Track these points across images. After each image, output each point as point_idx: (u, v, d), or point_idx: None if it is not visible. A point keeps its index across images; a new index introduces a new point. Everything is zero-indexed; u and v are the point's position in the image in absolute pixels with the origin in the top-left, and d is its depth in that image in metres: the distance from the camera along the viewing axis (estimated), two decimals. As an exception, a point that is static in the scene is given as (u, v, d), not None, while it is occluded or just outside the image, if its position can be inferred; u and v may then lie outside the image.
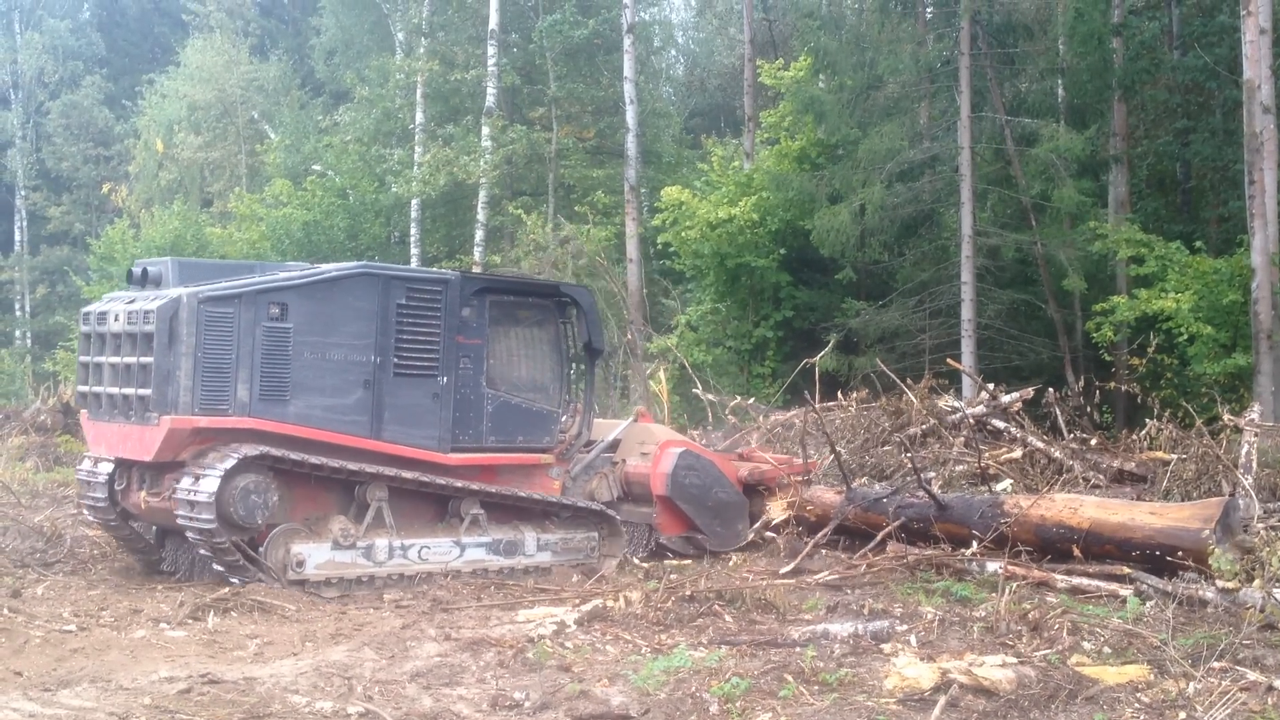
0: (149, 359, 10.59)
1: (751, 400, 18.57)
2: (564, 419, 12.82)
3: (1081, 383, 16.96)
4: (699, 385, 19.31)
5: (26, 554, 12.23)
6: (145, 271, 11.62)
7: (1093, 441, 14.27)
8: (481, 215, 28.11)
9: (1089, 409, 15.88)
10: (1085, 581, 10.13)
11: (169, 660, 8.13)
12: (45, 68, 45.60)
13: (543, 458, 12.50)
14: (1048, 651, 7.69)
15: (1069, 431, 14.80)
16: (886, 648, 8.08)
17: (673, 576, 11.20)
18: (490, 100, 28.45)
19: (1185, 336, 17.69)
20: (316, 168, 32.33)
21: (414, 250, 29.88)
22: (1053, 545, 10.80)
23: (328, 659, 8.07)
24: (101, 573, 11.73)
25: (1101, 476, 13.25)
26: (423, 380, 11.64)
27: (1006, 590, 9.43)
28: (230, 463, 10.36)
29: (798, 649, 8.05)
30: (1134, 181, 22.68)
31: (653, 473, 13.03)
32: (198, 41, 40.85)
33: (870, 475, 14.00)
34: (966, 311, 19.92)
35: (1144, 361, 17.47)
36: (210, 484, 10.26)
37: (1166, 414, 14.07)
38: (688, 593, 10.01)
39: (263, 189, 33.37)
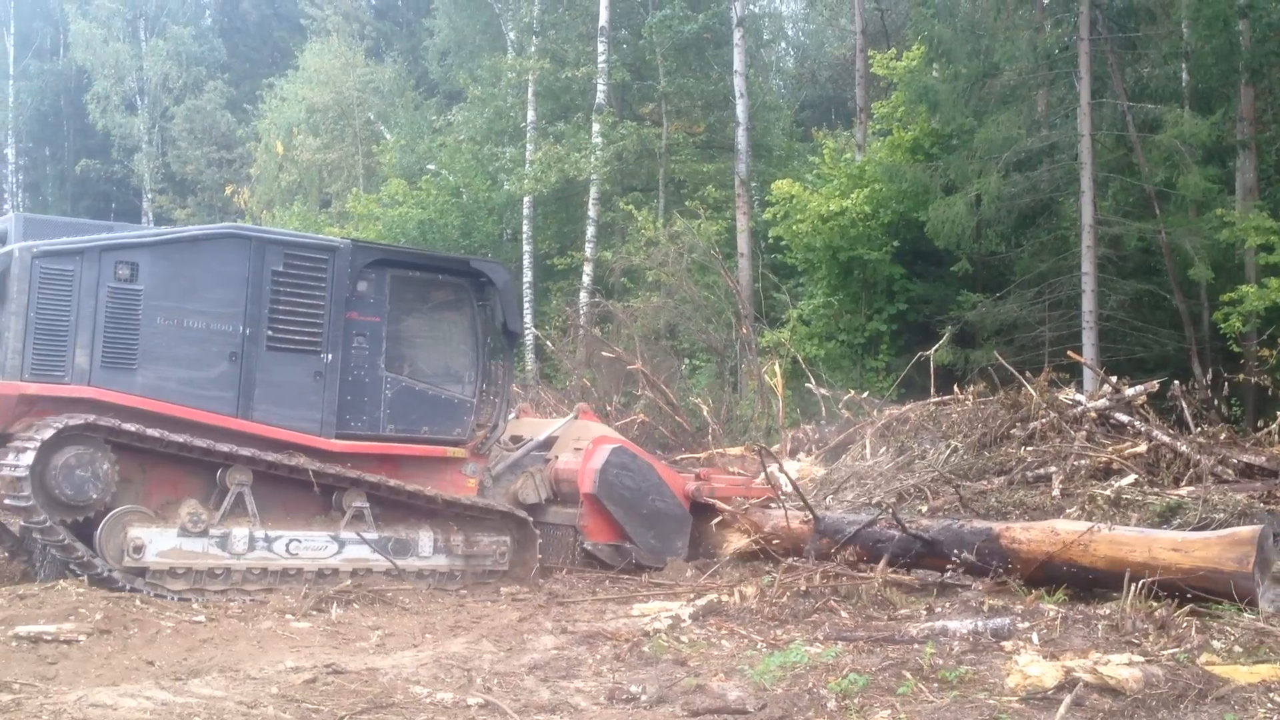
0: None
1: (865, 395, 18.36)
2: (483, 411, 11.70)
3: (1209, 375, 16.46)
4: (812, 380, 19.16)
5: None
6: None
7: (1221, 435, 13.85)
8: (593, 212, 28.24)
9: (1217, 402, 15.42)
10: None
11: (294, 651, 8.34)
12: (169, 74, 46.81)
13: (453, 451, 11.44)
14: (1175, 650, 7.46)
15: (1196, 425, 14.38)
16: (1008, 645, 7.92)
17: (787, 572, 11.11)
18: (601, 97, 28.56)
19: (1318, 326, 17.11)
20: (431, 167, 32.77)
21: (526, 247, 30.12)
22: (1064, 581, 9.78)
23: (447, 651, 8.21)
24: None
25: (1230, 471, 12.84)
26: (302, 356, 10.62)
27: (1131, 588, 9.19)
28: (49, 432, 9.40)
29: (916, 646, 7.94)
30: (1262, 167, 21.93)
31: (581, 468, 11.93)
32: (315, 45, 41.62)
33: (990, 474, 13.66)
34: (1088, 303, 19.46)
35: (1274, 353, 16.92)
36: (27, 456, 9.33)
37: (1299, 407, 13.63)
38: (803, 588, 9.95)
39: (379, 189, 33.93)
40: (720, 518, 12.49)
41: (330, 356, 10.75)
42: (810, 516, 11.71)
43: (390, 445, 11.15)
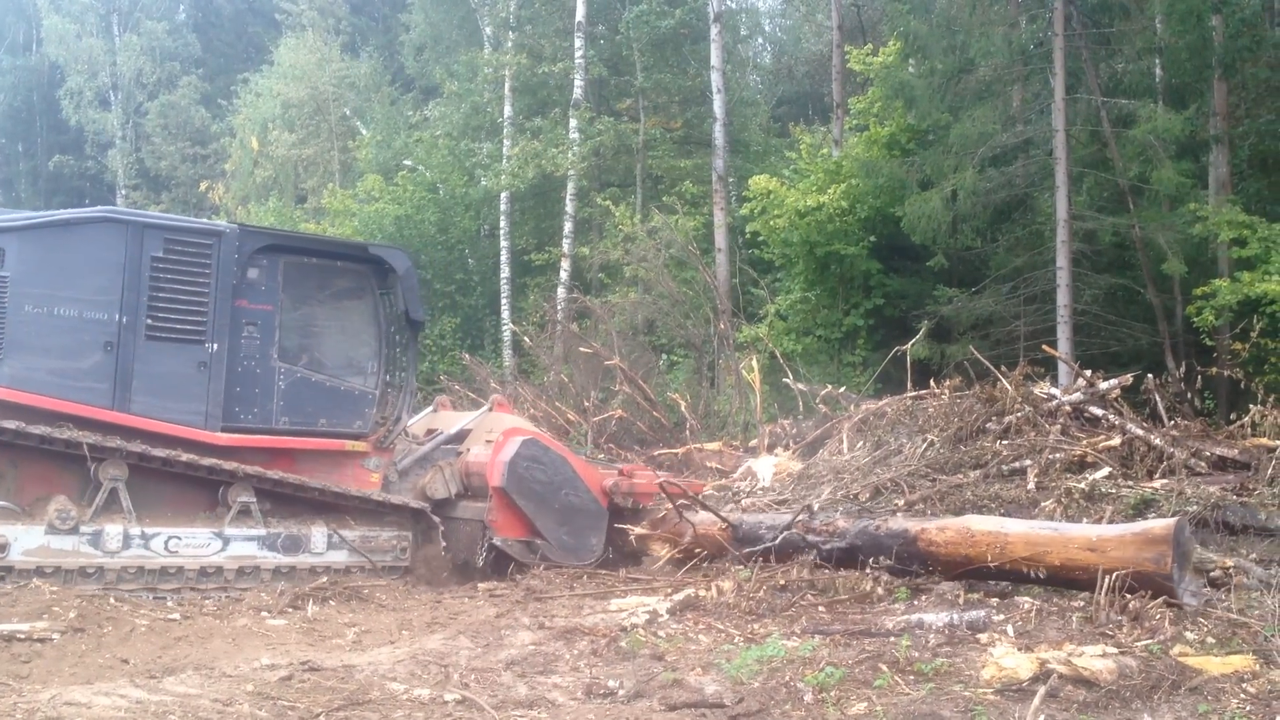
0: None
1: (842, 389, 18.41)
2: (386, 403, 11.34)
3: (1182, 368, 16.57)
4: (789, 375, 19.19)
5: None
6: None
7: (1195, 428, 13.94)
8: (570, 207, 28.21)
9: (1190, 395, 15.52)
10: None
11: (270, 648, 8.31)
12: (143, 69, 46.57)
13: (352, 445, 11.06)
14: (1149, 641, 7.51)
15: (1169, 418, 14.47)
16: (983, 638, 7.96)
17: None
18: (578, 92, 28.54)
19: (1290, 320, 17.19)
20: (407, 163, 32.70)
21: (504, 243, 30.06)
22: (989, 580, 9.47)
23: (424, 647, 8.19)
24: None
25: (1203, 464, 12.94)
26: (184, 346, 10.25)
27: (1105, 580, 9.23)
28: None
29: (892, 639, 7.97)
30: (1235, 162, 22.06)
31: (490, 461, 11.51)
32: (290, 40, 41.46)
33: (966, 468, 13.71)
34: (1062, 297, 19.54)
35: (1247, 346, 17.02)
36: None
37: (1270, 399, 13.71)
38: (780, 582, 9.97)
39: (355, 184, 33.83)
40: (640, 528, 12.12)
41: (216, 346, 10.38)
42: (725, 524, 11.37)
43: (283, 439, 10.77)
